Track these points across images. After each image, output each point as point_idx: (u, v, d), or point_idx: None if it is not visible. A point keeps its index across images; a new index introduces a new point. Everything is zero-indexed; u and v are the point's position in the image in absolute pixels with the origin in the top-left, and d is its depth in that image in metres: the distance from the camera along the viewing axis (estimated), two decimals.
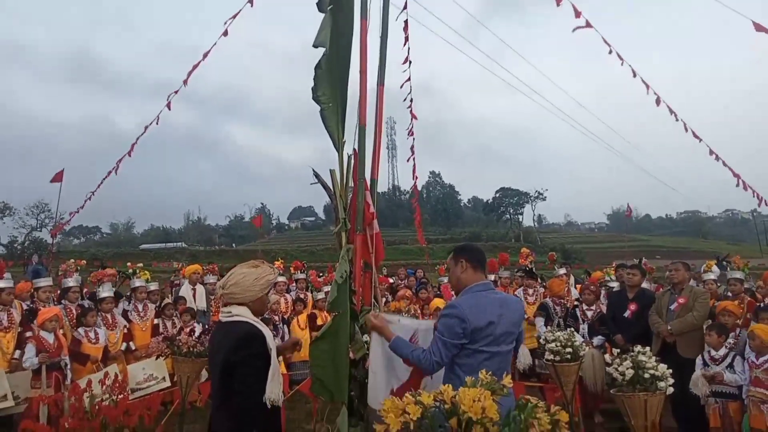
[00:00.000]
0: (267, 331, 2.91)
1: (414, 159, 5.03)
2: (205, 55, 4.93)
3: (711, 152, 5.27)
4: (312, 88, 3.57)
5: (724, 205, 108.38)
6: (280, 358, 3.31)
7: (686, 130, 5.08)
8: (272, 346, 2.89)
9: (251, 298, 2.92)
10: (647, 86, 5.09)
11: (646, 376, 3.44)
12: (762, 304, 7.11)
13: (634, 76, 5.41)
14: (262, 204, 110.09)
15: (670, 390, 3.50)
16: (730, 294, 7.46)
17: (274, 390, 2.78)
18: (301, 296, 9.60)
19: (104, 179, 6.08)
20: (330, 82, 3.53)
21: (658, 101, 5.12)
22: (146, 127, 5.29)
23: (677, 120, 4.98)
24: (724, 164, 5.17)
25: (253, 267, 3.02)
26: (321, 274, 14.61)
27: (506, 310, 3.06)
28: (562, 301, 7.61)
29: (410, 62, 4.76)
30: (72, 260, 11.21)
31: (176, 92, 5.73)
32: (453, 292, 3.42)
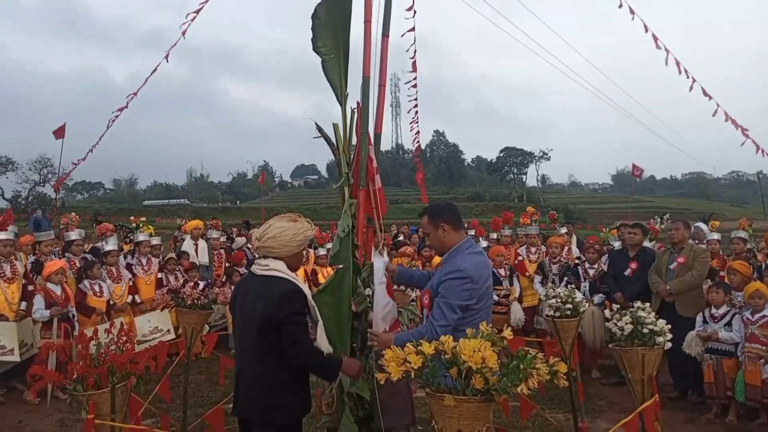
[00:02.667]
0: (306, 288, 2.86)
1: (417, 112, 4.95)
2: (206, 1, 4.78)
3: (716, 112, 5.14)
4: (312, 39, 3.49)
5: (730, 167, 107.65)
6: None
7: (692, 88, 4.94)
8: (313, 303, 2.87)
9: (288, 253, 2.85)
10: (656, 39, 4.95)
11: (645, 331, 3.47)
12: (765, 264, 7.15)
13: (646, 31, 5.25)
14: (265, 161, 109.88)
15: (668, 345, 3.54)
16: (733, 254, 7.50)
17: (323, 345, 2.86)
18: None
19: (104, 133, 6.02)
20: (331, 33, 3.44)
21: (667, 57, 4.98)
22: (146, 79, 5.18)
23: (687, 77, 4.84)
24: (733, 122, 5.06)
25: (292, 221, 2.89)
26: (324, 231, 14.66)
27: (489, 263, 3.25)
28: (561, 259, 7.64)
29: (415, 12, 4.62)
30: (73, 213, 11.29)
31: (175, 44, 5.60)
32: (435, 253, 3.47)
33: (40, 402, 5.69)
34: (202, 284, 6.11)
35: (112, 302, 7.01)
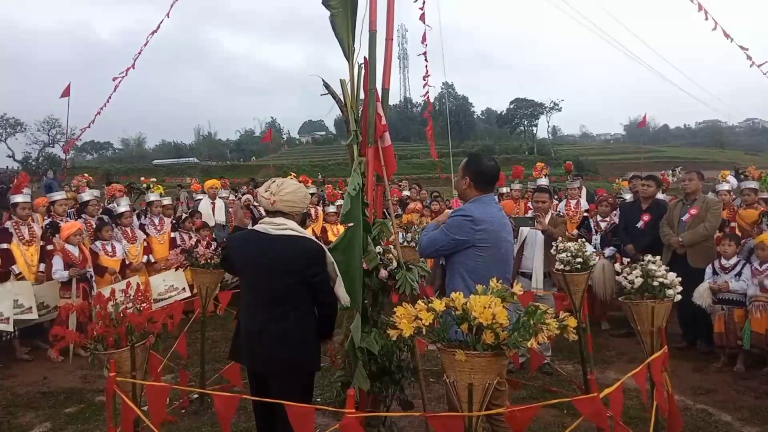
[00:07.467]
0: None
1: (426, 66, 4.84)
2: None
3: (753, 62, 4.95)
4: None
5: (746, 114, 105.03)
6: None
7: (715, 27, 4.75)
8: (332, 259, 2.97)
9: (300, 211, 3.02)
10: None
11: (655, 284, 3.49)
12: None
13: None
14: (272, 118, 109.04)
15: (678, 297, 3.55)
16: (744, 204, 7.42)
17: (342, 296, 2.98)
18: (311, 211, 9.66)
19: (111, 95, 5.98)
20: None
21: None
22: (149, 36, 5.10)
23: (707, 18, 4.65)
24: (752, 61, 4.87)
25: (298, 182, 3.10)
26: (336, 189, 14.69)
27: (506, 220, 3.36)
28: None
29: None
30: (86, 174, 11.35)
31: (175, 1, 5.47)
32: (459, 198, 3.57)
33: (63, 360, 5.88)
34: (214, 244, 6.20)
35: (127, 262, 7.13)
